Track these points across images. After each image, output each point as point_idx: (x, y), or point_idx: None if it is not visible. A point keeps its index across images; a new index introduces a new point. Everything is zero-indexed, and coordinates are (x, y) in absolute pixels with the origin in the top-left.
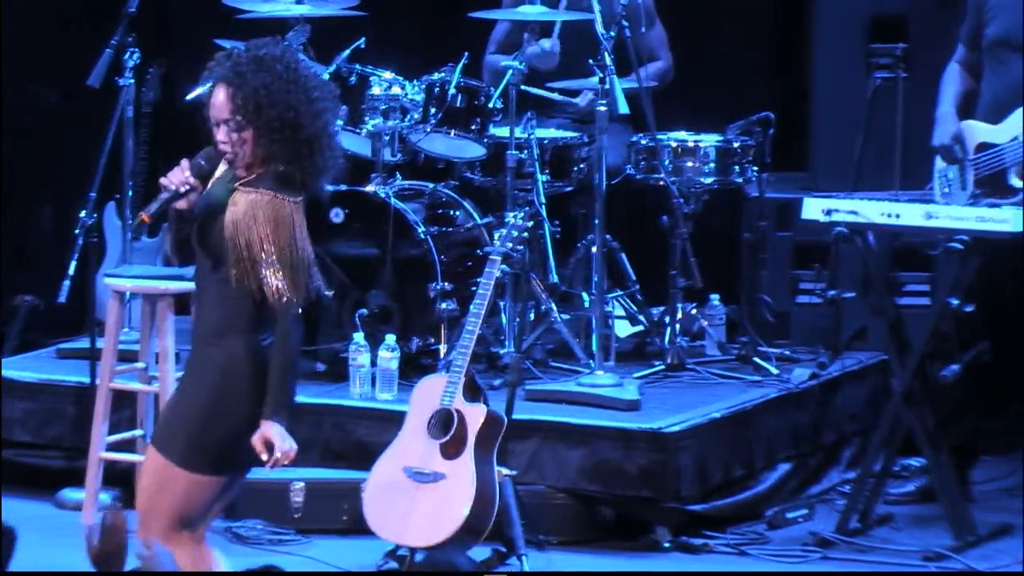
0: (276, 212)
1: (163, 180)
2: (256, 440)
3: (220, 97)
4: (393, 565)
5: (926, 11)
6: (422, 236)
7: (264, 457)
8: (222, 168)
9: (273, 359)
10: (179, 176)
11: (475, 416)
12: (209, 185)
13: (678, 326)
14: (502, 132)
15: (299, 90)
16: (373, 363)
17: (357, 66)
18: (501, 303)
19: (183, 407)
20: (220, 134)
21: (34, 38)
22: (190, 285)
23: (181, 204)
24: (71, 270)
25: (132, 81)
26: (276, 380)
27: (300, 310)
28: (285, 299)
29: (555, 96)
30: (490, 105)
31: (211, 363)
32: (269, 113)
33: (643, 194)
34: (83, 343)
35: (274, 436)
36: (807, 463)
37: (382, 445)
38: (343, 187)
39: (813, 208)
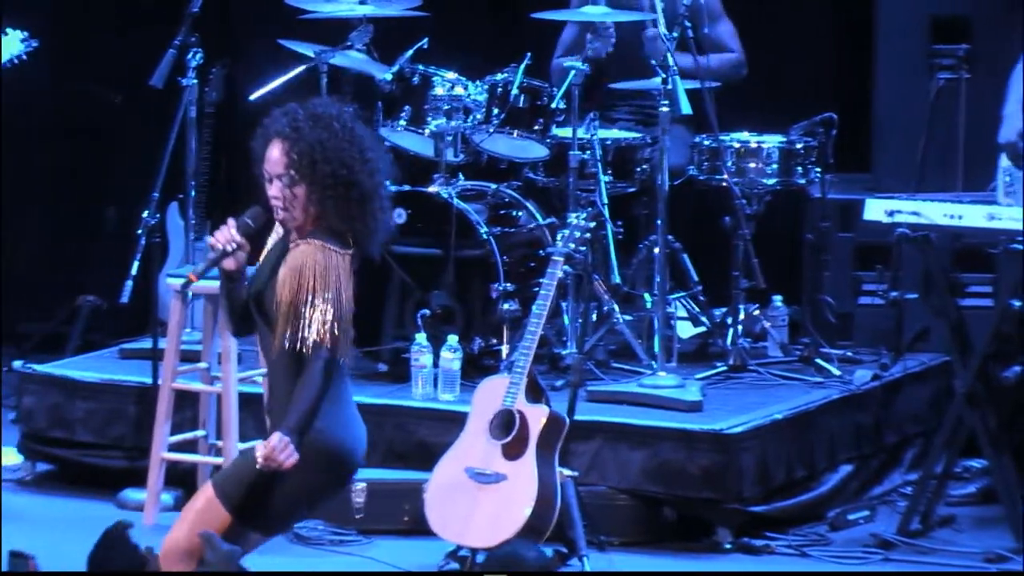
0: (323, 260)
1: (210, 240)
2: (258, 445)
3: (275, 152)
4: (454, 566)
5: (989, 12)
6: (484, 236)
7: (258, 454)
8: (275, 237)
9: (297, 389)
10: (226, 235)
11: (537, 417)
12: (263, 256)
13: (740, 327)
14: (565, 132)
15: (354, 149)
16: (435, 364)
17: (420, 66)
18: (563, 304)
19: (257, 471)
20: (272, 189)
21: (97, 38)
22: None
23: (229, 264)
24: (134, 270)
25: (195, 81)
26: (294, 404)
27: (335, 360)
28: (322, 343)
29: (633, 84)
30: (553, 105)
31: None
32: (324, 169)
33: (706, 195)
34: (145, 343)
35: (276, 441)
36: (869, 464)
37: (444, 446)
38: (406, 187)
39: (875, 209)
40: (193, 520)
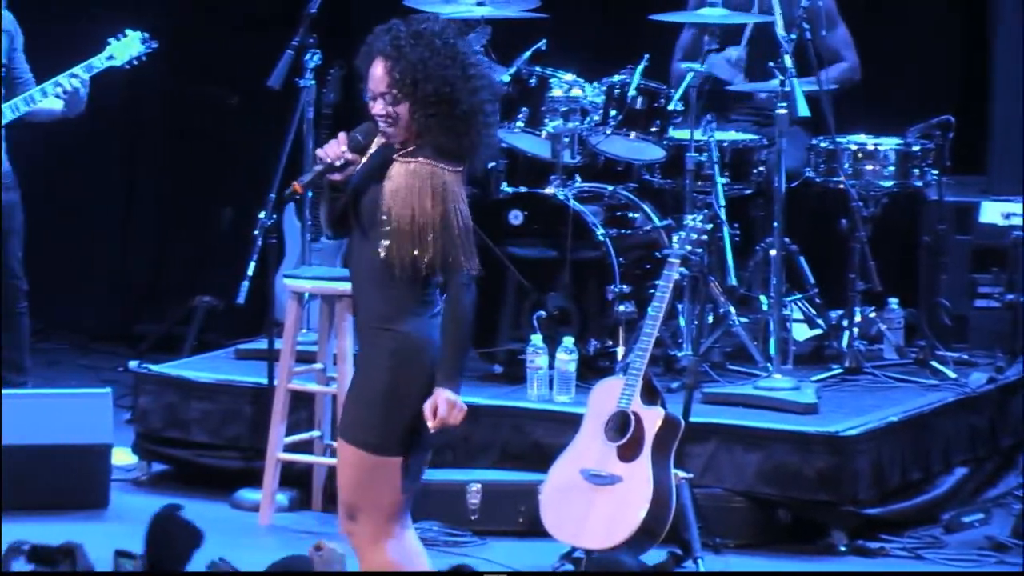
0: (436, 181)
1: (319, 152)
2: (426, 406)
3: (378, 70)
4: (569, 567)
5: None
6: (601, 238)
7: (429, 423)
8: (379, 141)
9: (443, 326)
10: (335, 149)
11: (652, 419)
12: (366, 157)
13: (856, 329)
14: (682, 134)
15: (456, 66)
16: (551, 365)
17: (537, 68)
18: (679, 306)
19: (365, 395)
20: (376, 107)
21: (215, 40)
22: None
23: (336, 177)
24: (250, 271)
25: (312, 82)
26: (447, 349)
27: (470, 278)
28: (453, 268)
29: (750, 87)
30: (670, 107)
31: (383, 349)
32: (425, 87)
33: (822, 197)
34: (261, 344)
35: (441, 402)
36: (984, 467)
37: (559, 447)
38: (522, 189)
39: (992, 212)
40: (345, 478)
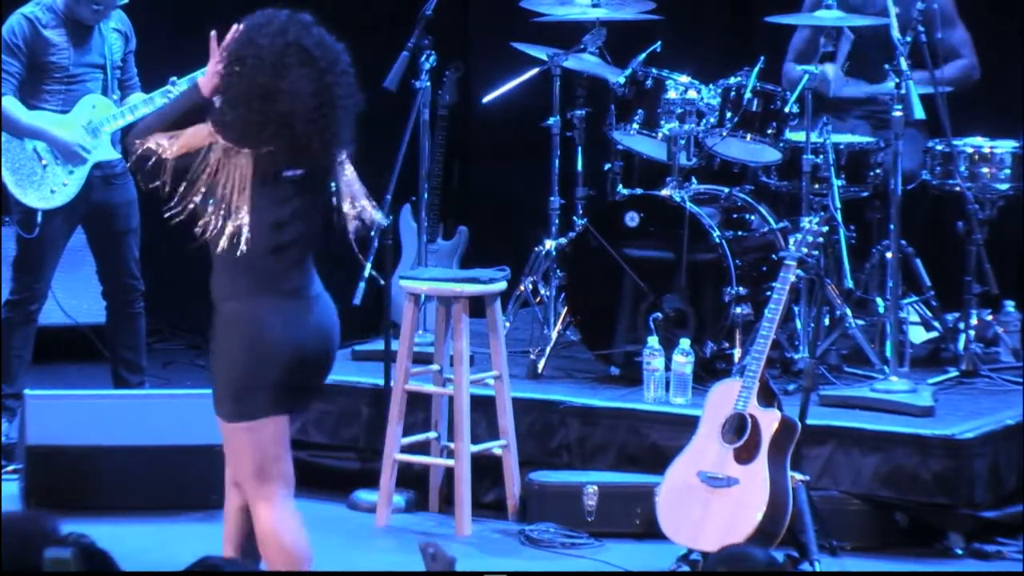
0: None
1: None
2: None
3: None
4: (685, 569)
5: None
6: (717, 240)
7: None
8: None
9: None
10: None
11: (769, 421)
12: None
13: (972, 332)
14: (798, 136)
15: (245, 48)
16: (667, 367)
17: (653, 70)
18: (796, 308)
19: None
20: None
21: None
22: (487, 288)
23: None
24: (367, 272)
25: (428, 84)
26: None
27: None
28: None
29: (865, 91)
30: (786, 109)
31: (218, 323)
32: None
33: (938, 200)
34: (378, 345)
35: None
36: None
37: (676, 449)
38: (638, 191)
39: None
40: (225, 448)
